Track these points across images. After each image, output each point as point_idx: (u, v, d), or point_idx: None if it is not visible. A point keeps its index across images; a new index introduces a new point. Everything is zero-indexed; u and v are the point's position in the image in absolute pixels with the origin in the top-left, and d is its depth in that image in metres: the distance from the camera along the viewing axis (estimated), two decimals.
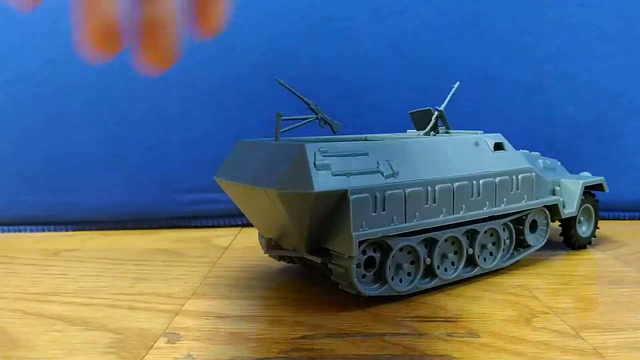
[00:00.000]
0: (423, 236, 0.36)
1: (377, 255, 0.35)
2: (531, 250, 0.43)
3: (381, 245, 0.35)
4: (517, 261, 0.43)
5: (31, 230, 0.62)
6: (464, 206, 0.37)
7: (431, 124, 0.44)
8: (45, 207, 0.60)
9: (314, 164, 0.31)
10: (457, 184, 0.36)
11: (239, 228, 0.61)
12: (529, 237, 0.43)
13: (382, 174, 0.33)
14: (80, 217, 0.61)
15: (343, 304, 0.35)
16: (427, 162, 0.36)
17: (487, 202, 0.38)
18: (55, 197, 0.60)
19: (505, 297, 0.37)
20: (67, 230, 0.62)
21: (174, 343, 0.30)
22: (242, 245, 0.54)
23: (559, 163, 0.49)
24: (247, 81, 0.59)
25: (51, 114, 0.59)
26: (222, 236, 0.58)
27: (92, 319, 0.34)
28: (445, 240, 0.38)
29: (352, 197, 0.32)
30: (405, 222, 0.34)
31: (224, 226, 0.61)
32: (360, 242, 0.33)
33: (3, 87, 0.58)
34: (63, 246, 0.54)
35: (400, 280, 0.36)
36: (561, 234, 0.48)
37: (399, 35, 0.60)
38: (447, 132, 0.45)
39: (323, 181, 0.31)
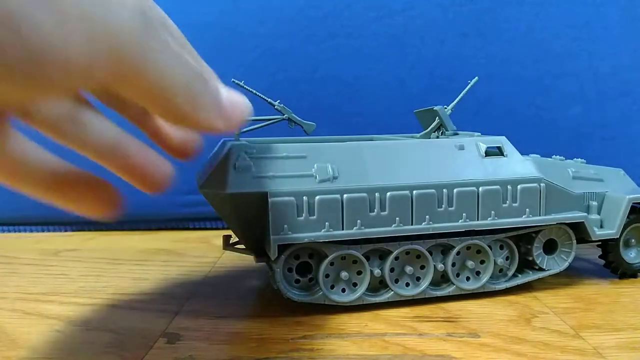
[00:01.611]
0: (371, 246, 0.34)
1: (313, 262, 0.34)
2: (544, 274, 0.38)
3: (318, 252, 0.34)
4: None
5: (31, 230, 0.62)
6: (427, 217, 0.34)
7: (433, 124, 0.42)
8: (45, 207, 0.60)
9: (234, 165, 0.31)
10: (417, 192, 0.33)
11: None
12: (541, 259, 0.37)
13: (316, 177, 0.32)
14: (80, 217, 0.61)
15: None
16: (384, 168, 0.34)
17: (463, 215, 0.34)
18: None
19: (505, 297, 0.37)
20: (67, 231, 0.62)
21: (174, 343, 0.30)
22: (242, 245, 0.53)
23: (622, 172, 0.42)
24: (246, 81, 0.59)
25: None
26: (222, 236, 0.58)
27: (92, 319, 0.34)
28: (408, 253, 0.35)
29: (271, 200, 0.31)
30: (343, 230, 0.33)
31: (223, 228, 0.61)
32: (287, 246, 0.32)
33: None
34: (63, 246, 0.54)
35: (343, 290, 0.34)
36: (602, 260, 0.41)
37: (401, 34, 0.60)
38: (456, 134, 0.42)
39: (240, 182, 0.31)
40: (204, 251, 0.51)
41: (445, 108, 0.42)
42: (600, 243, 0.40)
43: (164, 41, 0.19)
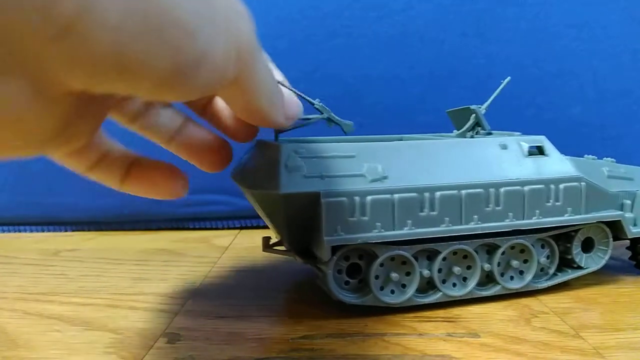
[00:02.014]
0: (420, 247, 0.34)
1: (363, 263, 0.33)
2: (582, 273, 0.38)
3: (368, 253, 0.33)
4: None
5: (31, 230, 0.62)
6: (475, 217, 0.34)
7: (468, 124, 0.41)
8: (45, 207, 0.60)
9: (286, 165, 0.31)
10: (465, 191, 0.33)
11: (238, 230, 0.61)
12: (580, 257, 0.38)
13: (367, 177, 0.32)
14: (80, 217, 0.61)
15: (343, 304, 0.35)
16: (431, 167, 0.33)
17: (510, 214, 0.34)
18: (55, 197, 0.60)
19: (505, 297, 0.37)
20: (67, 231, 0.62)
21: (174, 343, 0.30)
22: (243, 245, 0.54)
23: None
24: None
25: None
26: (222, 236, 0.58)
27: (92, 319, 0.34)
28: (455, 254, 0.35)
29: (324, 200, 0.31)
30: (394, 230, 0.32)
31: (222, 228, 0.61)
32: (338, 248, 0.32)
33: None
34: (63, 246, 0.54)
35: (392, 292, 0.34)
36: (630, 257, 0.42)
37: (401, 34, 0.60)
38: (489, 133, 0.42)
39: (292, 183, 0.31)
40: (204, 251, 0.51)
41: (480, 107, 0.42)
42: (629, 241, 0.41)
43: (261, 49, 0.22)
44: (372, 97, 0.60)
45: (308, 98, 0.38)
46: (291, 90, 0.38)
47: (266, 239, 0.40)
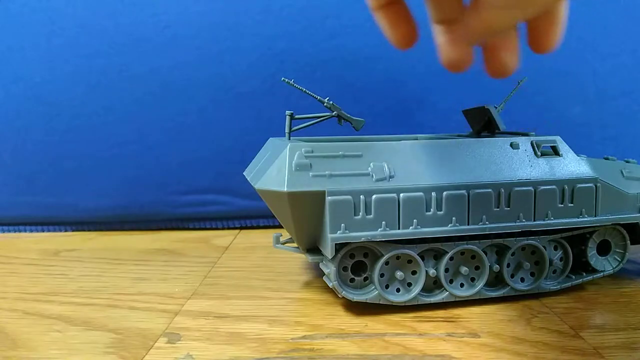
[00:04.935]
0: (426, 246, 0.34)
1: (368, 261, 0.34)
2: (596, 276, 0.38)
3: (373, 251, 0.33)
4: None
5: (31, 230, 0.62)
6: (483, 217, 0.34)
7: (483, 122, 0.41)
8: (45, 207, 0.60)
9: (293, 164, 0.31)
10: (473, 191, 0.33)
11: (238, 230, 0.61)
12: (594, 260, 0.37)
13: (373, 176, 0.32)
14: (80, 217, 0.61)
15: (343, 304, 0.35)
16: (439, 166, 0.33)
17: (520, 215, 0.34)
18: (55, 197, 0.60)
19: (506, 297, 0.37)
20: (67, 231, 0.62)
21: (174, 343, 0.30)
22: (242, 246, 0.54)
23: None
24: (245, 81, 0.59)
25: (51, 114, 0.59)
26: (222, 236, 0.58)
27: (92, 319, 0.34)
28: (462, 254, 0.35)
29: (329, 199, 0.31)
30: (399, 229, 0.32)
31: (222, 228, 0.61)
32: (343, 245, 0.32)
33: (3, 87, 0.58)
34: (63, 246, 0.54)
35: (398, 290, 0.34)
36: None
37: None
38: (506, 133, 0.41)
39: (298, 181, 0.31)
40: (204, 251, 0.51)
41: (496, 107, 0.41)
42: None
43: None
44: (372, 97, 0.60)
45: (317, 97, 0.38)
46: (300, 88, 0.38)
47: (277, 236, 0.40)
